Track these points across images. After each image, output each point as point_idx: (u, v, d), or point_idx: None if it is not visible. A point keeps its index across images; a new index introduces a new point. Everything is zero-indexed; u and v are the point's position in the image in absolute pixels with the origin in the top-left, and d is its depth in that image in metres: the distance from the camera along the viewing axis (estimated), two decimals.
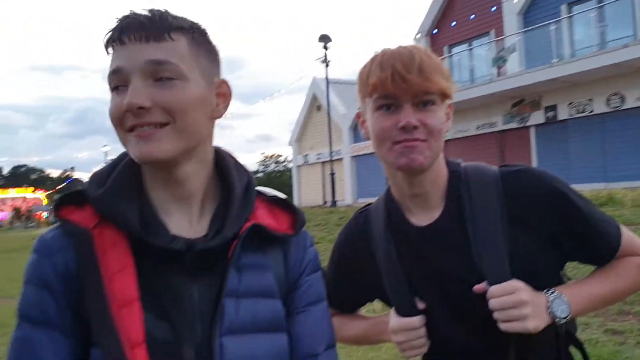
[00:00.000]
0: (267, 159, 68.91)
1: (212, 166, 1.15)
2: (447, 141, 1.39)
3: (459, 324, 1.36)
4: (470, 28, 22.03)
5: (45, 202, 77.34)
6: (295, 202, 33.14)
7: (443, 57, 22.16)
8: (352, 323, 1.59)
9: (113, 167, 1.12)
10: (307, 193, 32.84)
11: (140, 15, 1.03)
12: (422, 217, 1.39)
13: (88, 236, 1.03)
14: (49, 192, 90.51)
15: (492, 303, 1.25)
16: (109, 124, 1.07)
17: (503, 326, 1.24)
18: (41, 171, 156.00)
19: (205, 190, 1.13)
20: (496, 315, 1.25)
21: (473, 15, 21.70)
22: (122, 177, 1.09)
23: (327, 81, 23.33)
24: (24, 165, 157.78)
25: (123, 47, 1.02)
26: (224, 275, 1.06)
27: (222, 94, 1.12)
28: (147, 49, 1.01)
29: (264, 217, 1.16)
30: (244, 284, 1.08)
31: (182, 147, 1.04)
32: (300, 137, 34.01)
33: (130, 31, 1.01)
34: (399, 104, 1.28)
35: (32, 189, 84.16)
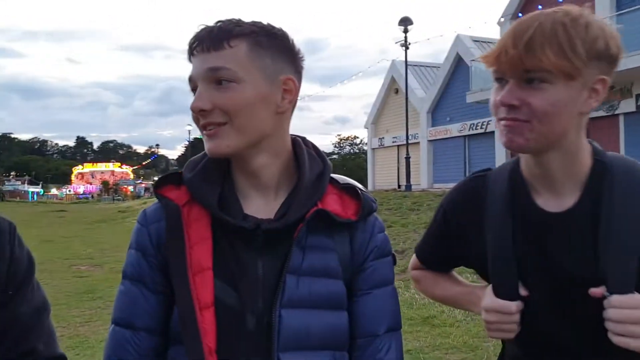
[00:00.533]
0: (342, 141, 68.81)
1: (290, 155, 1.26)
2: None
3: (562, 320, 1.29)
4: None
5: (131, 176, 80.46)
6: (370, 185, 32.99)
7: None
8: (444, 284, 1.57)
9: (205, 154, 1.25)
10: (381, 176, 32.63)
11: (206, 28, 1.16)
12: (550, 202, 1.29)
13: (178, 211, 1.19)
14: (135, 167, 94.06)
15: (611, 313, 1.17)
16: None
17: (616, 339, 1.17)
18: (129, 147, 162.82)
19: (280, 178, 1.24)
20: (611, 326, 1.17)
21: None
22: (210, 163, 1.23)
23: (407, 65, 23.00)
24: (113, 141, 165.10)
25: (194, 57, 1.17)
26: (289, 253, 1.16)
27: (288, 90, 1.20)
28: (208, 58, 1.14)
29: (332, 203, 1.23)
30: (306, 263, 1.17)
31: (244, 142, 1.16)
32: (377, 119, 33.77)
33: (197, 43, 1.16)
34: (505, 79, 1.21)
35: (119, 163, 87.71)
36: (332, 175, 1.28)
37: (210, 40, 1.14)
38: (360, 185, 1.34)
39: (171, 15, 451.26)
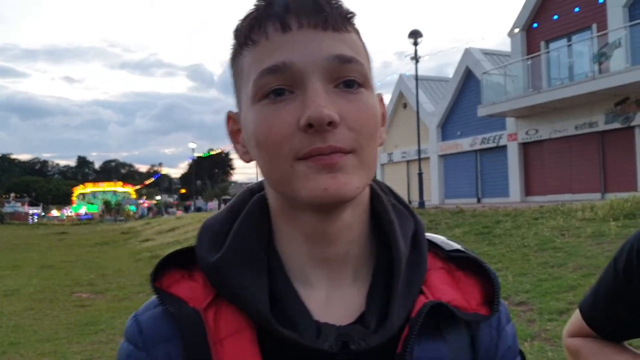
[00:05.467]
0: None
1: (369, 209, 0.81)
2: (543, 141, 0.90)
3: None
4: (572, 22, 20.84)
5: (133, 196, 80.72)
6: None
7: (539, 53, 21.15)
8: (618, 357, 1.23)
9: (233, 216, 0.82)
10: None
11: None
12: None
13: (200, 323, 0.74)
14: (137, 186, 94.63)
15: None
16: (193, 120, 0.68)
17: None
18: (130, 166, 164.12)
19: (360, 248, 0.80)
20: None
21: (577, 8, 20.47)
22: (248, 233, 0.79)
23: (417, 78, 22.76)
24: (114, 160, 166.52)
25: (287, 35, 0.71)
26: None
27: (383, 114, 0.80)
28: (326, 39, 0.71)
29: (443, 286, 0.81)
30: None
31: (365, 184, 0.73)
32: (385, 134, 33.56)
33: (302, 13, 0.71)
34: None
35: (121, 183, 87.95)
36: (427, 235, 0.86)
37: (330, 12, 0.71)
38: (470, 252, 0.86)
39: (170, 32, 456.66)
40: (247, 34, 0.72)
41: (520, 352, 0.88)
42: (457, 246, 0.86)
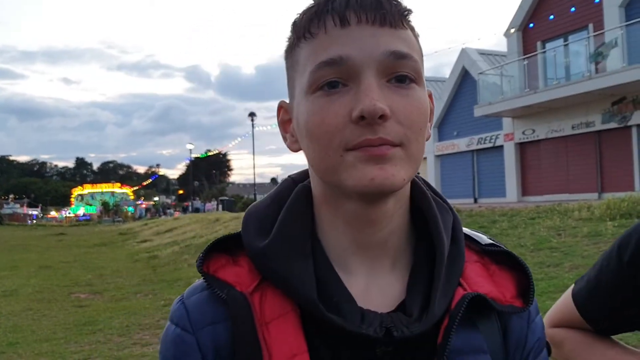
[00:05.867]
0: None
1: (408, 202, 0.84)
2: (539, 141, 0.92)
3: None
4: (568, 22, 20.89)
5: (131, 197, 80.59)
6: None
7: (535, 53, 21.19)
8: (608, 351, 1.16)
9: (278, 202, 0.85)
10: None
11: None
12: None
13: (247, 307, 0.77)
14: (135, 187, 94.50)
15: None
16: (190, 121, 0.69)
17: None
18: (128, 167, 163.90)
19: (399, 236, 0.83)
20: None
21: (573, 8, 20.52)
22: (294, 220, 0.82)
23: None
24: (112, 161, 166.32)
25: (345, 29, 0.74)
26: None
27: (431, 110, 0.83)
28: (383, 35, 0.74)
29: (479, 279, 0.84)
30: None
31: (410, 177, 0.76)
32: None
33: (361, 8, 0.74)
34: None
35: (119, 184, 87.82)
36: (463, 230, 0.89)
37: (389, 9, 0.74)
38: (503, 246, 0.90)
39: (167, 34, 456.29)
40: (305, 27, 0.76)
41: (547, 344, 0.91)
42: (490, 240, 0.89)
